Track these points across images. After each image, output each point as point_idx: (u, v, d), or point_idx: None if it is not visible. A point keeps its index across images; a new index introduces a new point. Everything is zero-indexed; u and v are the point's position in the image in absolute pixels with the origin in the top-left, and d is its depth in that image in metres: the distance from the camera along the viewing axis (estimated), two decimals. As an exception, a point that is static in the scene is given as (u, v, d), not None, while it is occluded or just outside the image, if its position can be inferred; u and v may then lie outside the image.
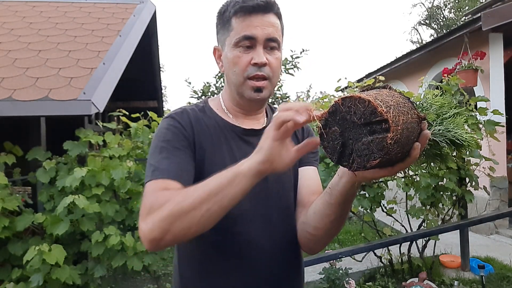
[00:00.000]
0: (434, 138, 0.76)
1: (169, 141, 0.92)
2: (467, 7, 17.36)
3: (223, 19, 0.98)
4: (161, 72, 6.75)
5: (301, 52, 9.08)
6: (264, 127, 1.04)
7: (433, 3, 20.39)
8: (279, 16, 0.98)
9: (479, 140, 3.27)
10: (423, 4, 20.94)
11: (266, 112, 1.09)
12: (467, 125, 3.13)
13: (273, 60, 0.95)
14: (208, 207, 0.74)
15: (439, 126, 0.77)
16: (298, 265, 1.05)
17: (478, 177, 3.57)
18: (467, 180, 3.59)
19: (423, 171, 3.34)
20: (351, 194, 0.83)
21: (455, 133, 0.76)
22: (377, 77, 3.51)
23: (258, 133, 1.01)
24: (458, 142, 0.76)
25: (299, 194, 1.04)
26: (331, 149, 0.71)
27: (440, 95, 0.85)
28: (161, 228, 0.76)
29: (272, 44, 0.95)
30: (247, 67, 0.93)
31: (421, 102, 0.80)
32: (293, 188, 1.04)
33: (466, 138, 0.76)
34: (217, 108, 1.03)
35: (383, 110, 0.63)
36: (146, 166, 0.93)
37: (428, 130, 0.73)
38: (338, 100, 0.68)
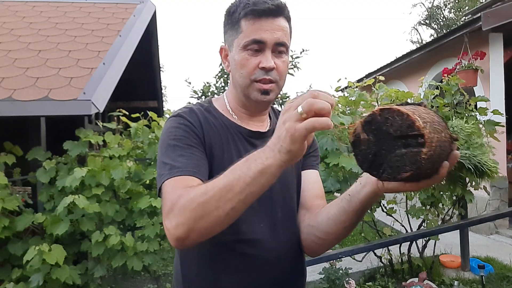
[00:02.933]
0: (461, 160, 0.77)
1: (180, 139, 0.91)
2: (467, 7, 17.35)
3: (232, 20, 0.96)
4: (161, 72, 6.75)
5: (301, 52, 9.12)
6: (269, 130, 1.04)
7: (433, 3, 20.39)
8: (288, 19, 0.96)
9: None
10: (423, 4, 20.93)
11: (269, 114, 1.08)
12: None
13: (280, 63, 0.94)
14: (233, 205, 0.74)
15: (466, 150, 0.79)
16: (301, 265, 1.05)
17: (478, 177, 3.56)
18: (467, 180, 3.59)
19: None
20: (371, 203, 0.83)
21: (481, 159, 0.77)
22: (377, 77, 3.50)
23: (263, 135, 1.02)
24: (482, 169, 0.77)
25: (303, 197, 1.04)
26: (362, 157, 0.71)
27: (469, 122, 0.87)
28: (186, 226, 0.75)
29: (280, 48, 0.94)
30: (255, 70, 0.93)
31: (452, 126, 0.82)
32: (296, 190, 1.05)
33: (490, 166, 0.77)
34: (222, 109, 1.03)
35: (421, 125, 0.64)
36: (157, 166, 0.92)
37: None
38: (376, 111, 0.69)
